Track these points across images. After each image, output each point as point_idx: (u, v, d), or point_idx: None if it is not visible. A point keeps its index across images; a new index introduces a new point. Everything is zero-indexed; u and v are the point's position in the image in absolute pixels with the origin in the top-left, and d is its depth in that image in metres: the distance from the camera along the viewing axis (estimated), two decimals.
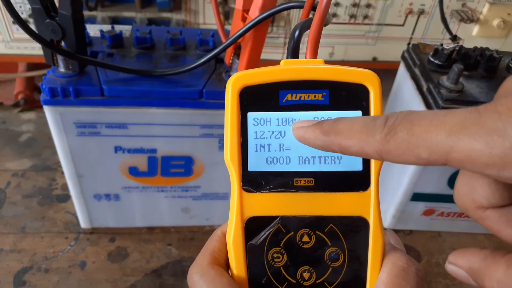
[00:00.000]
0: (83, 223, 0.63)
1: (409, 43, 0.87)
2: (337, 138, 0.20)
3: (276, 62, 0.25)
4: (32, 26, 0.45)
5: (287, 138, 0.24)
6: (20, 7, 0.75)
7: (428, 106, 0.53)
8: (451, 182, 0.59)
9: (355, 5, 0.80)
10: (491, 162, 0.16)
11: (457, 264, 0.20)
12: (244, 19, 0.46)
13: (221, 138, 0.53)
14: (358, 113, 0.24)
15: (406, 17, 0.83)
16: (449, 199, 0.62)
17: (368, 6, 0.80)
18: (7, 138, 0.78)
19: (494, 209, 0.19)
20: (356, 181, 0.24)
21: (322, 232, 0.24)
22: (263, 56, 0.47)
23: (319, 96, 0.24)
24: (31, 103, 0.90)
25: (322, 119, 0.24)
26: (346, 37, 0.85)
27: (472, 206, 0.19)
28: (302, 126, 0.22)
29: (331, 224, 0.24)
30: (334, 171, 0.24)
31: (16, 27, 0.77)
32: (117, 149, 0.53)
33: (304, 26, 0.28)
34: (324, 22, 0.26)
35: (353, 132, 0.20)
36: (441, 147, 0.17)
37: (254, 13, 0.43)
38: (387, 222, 0.67)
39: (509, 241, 0.20)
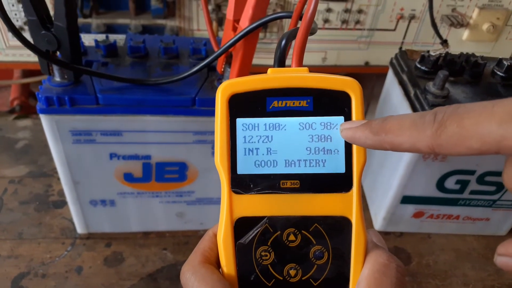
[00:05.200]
0: (80, 229, 0.64)
1: (400, 48, 0.88)
2: (387, 137, 0.21)
3: (269, 68, 0.27)
4: (27, 34, 0.46)
5: (274, 143, 0.26)
6: (16, 14, 0.76)
7: (415, 111, 0.54)
8: (440, 185, 0.60)
9: (346, 10, 0.81)
10: None
11: (509, 253, 0.20)
12: (234, 29, 0.47)
13: (214, 144, 0.54)
14: (341, 118, 0.25)
15: (397, 22, 0.84)
16: (438, 201, 0.63)
17: (360, 11, 0.82)
18: (3, 145, 0.79)
19: None
20: (339, 182, 0.26)
21: (307, 231, 0.26)
22: (257, 61, 0.49)
23: (303, 103, 0.25)
24: (26, 109, 0.90)
25: (307, 124, 0.25)
26: (339, 42, 0.86)
27: None
28: (351, 127, 0.24)
29: (315, 224, 0.26)
30: (319, 174, 0.26)
31: (11, 34, 0.78)
32: (112, 156, 0.54)
33: (291, 35, 0.29)
34: (309, 32, 0.28)
35: (403, 130, 0.21)
36: (493, 136, 0.17)
37: (244, 23, 0.44)
38: (378, 224, 0.68)
39: None
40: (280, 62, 0.29)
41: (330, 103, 0.25)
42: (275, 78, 0.26)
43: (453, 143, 0.19)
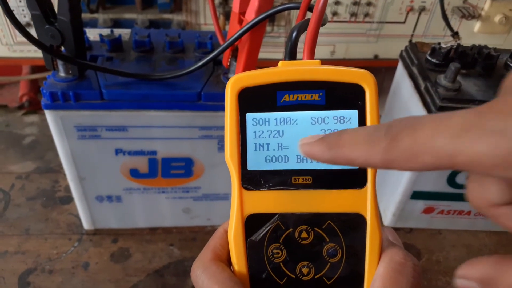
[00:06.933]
0: (86, 225, 0.64)
1: (410, 40, 0.87)
2: (342, 151, 0.20)
3: (277, 61, 0.26)
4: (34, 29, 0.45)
5: (285, 138, 0.25)
6: (23, 10, 0.76)
7: (426, 105, 0.53)
8: (451, 180, 0.59)
9: (355, 3, 0.80)
10: (496, 163, 0.15)
11: (467, 276, 0.19)
12: (240, 21, 0.46)
13: (220, 139, 0.54)
14: (355, 112, 0.24)
15: (407, 14, 0.83)
16: (449, 197, 0.62)
17: (369, 4, 0.80)
18: (11, 141, 0.79)
19: (508, 206, 0.18)
20: (353, 178, 0.25)
21: (320, 228, 0.25)
22: (264, 55, 0.48)
23: (315, 96, 0.24)
24: (35, 105, 0.91)
25: (320, 118, 0.24)
26: (347, 36, 0.85)
27: (485, 204, 0.19)
28: (308, 142, 0.22)
29: (329, 221, 0.25)
30: (331, 169, 0.25)
31: None
32: (117, 151, 0.54)
33: (302, 27, 0.28)
34: (321, 23, 0.27)
35: (357, 144, 0.19)
36: (446, 151, 0.16)
37: (250, 16, 0.43)
38: (388, 220, 0.67)
39: None
40: (291, 54, 0.28)
41: (343, 97, 0.24)
42: (286, 71, 0.25)
43: (405, 159, 0.17)
